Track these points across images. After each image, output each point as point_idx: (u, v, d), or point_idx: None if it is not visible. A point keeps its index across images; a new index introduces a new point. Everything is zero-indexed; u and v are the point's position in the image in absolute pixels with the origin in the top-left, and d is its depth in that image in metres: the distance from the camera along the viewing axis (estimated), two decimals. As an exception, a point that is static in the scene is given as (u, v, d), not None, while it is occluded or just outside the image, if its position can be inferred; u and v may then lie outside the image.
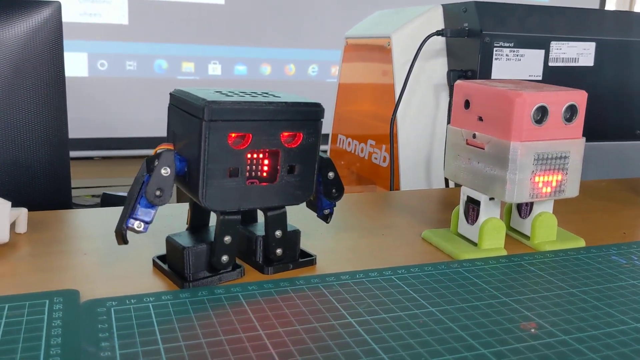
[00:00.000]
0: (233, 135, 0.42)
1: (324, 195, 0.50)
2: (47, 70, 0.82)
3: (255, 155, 0.44)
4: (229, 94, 0.44)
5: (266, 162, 0.44)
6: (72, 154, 0.96)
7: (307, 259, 0.49)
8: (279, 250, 0.47)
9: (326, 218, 0.52)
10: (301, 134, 0.45)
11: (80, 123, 2.05)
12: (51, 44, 0.82)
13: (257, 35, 2.31)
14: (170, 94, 0.46)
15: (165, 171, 0.42)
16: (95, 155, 2.18)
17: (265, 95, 0.45)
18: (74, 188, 0.94)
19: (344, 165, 1.19)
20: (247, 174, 0.44)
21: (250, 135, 0.43)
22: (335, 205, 0.51)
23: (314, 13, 2.35)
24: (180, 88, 0.46)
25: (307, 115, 0.45)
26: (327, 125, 1.31)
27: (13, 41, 0.79)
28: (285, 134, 0.44)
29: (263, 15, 2.29)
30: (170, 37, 2.21)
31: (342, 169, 1.21)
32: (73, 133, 1.01)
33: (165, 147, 0.44)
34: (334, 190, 0.50)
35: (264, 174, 0.45)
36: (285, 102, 0.44)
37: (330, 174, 0.49)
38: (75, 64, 2.14)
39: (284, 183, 0.45)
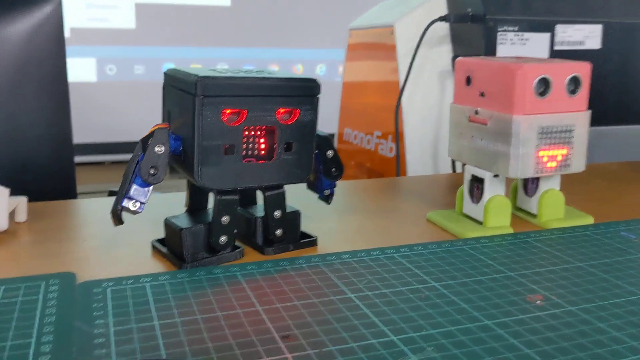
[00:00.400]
0: (227, 111, 0.41)
1: (323, 175, 0.49)
2: (49, 67, 0.82)
3: (251, 133, 0.43)
4: (223, 71, 0.43)
5: (262, 139, 0.44)
6: (82, 158, 0.96)
7: (308, 240, 0.48)
8: (279, 231, 0.46)
9: (327, 199, 0.51)
10: (298, 111, 0.44)
11: (90, 128, 2.06)
12: (53, 40, 0.82)
13: (264, 36, 2.31)
14: (164, 72, 0.45)
15: (159, 149, 0.41)
16: (106, 159, 2.19)
17: (259, 72, 0.45)
18: (83, 193, 0.94)
19: (351, 159, 1.18)
20: (244, 152, 0.43)
21: (246, 111, 0.42)
22: (335, 186, 0.50)
23: (320, 12, 2.34)
24: (173, 67, 0.45)
25: (303, 90, 0.44)
26: (333, 123, 1.31)
27: (15, 38, 0.79)
28: (281, 110, 0.43)
29: (270, 16, 2.29)
30: (178, 39, 2.22)
31: (349, 163, 1.20)
32: (83, 138, 1.01)
33: (159, 127, 0.43)
34: (333, 169, 0.48)
35: (262, 152, 0.44)
36: (280, 78, 0.43)
37: (329, 152, 0.48)
38: (83, 70, 2.15)
39: (281, 161, 0.44)
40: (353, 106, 1.19)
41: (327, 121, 0.88)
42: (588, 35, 0.93)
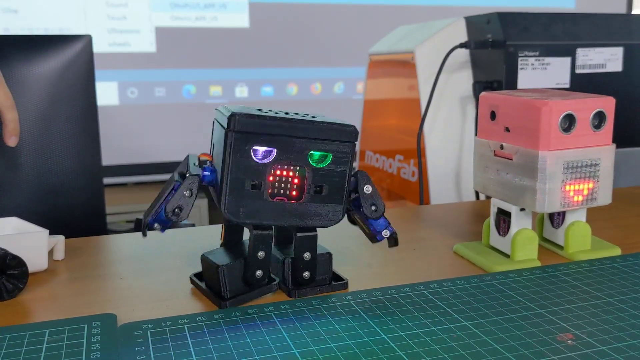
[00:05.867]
0: (260, 149, 0.42)
1: (365, 216, 0.46)
2: (80, 101, 0.84)
3: (282, 172, 0.44)
4: (267, 111, 0.44)
5: (296, 180, 0.44)
6: (106, 180, 0.99)
7: (339, 283, 0.48)
8: (306, 274, 0.46)
9: (393, 241, 0.47)
10: (331, 155, 0.44)
11: (113, 150, 2.09)
12: (83, 75, 0.84)
13: (282, 56, 2.33)
14: (215, 108, 0.47)
15: (187, 192, 0.43)
16: (129, 181, 2.22)
17: (301, 114, 0.45)
18: (108, 214, 0.96)
19: (373, 182, 1.19)
20: (271, 190, 0.43)
21: (275, 150, 0.43)
22: (390, 223, 0.47)
23: (337, 31, 2.36)
24: (225, 104, 0.46)
25: (338, 135, 0.44)
26: (354, 142, 1.32)
27: (48, 74, 0.82)
28: (315, 153, 0.44)
29: (287, 36, 2.31)
30: (197, 62, 2.25)
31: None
32: (106, 160, 1.03)
33: (203, 157, 0.46)
34: (373, 207, 0.46)
35: (292, 192, 0.44)
36: (315, 121, 0.43)
37: (367, 188, 0.46)
38: (106, 93, 2.19)
39: (310, 203, 0.44)
40: (374, 129, 1.20)
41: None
42: (609, 58, 0.93)
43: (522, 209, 0.52)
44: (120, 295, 0.48)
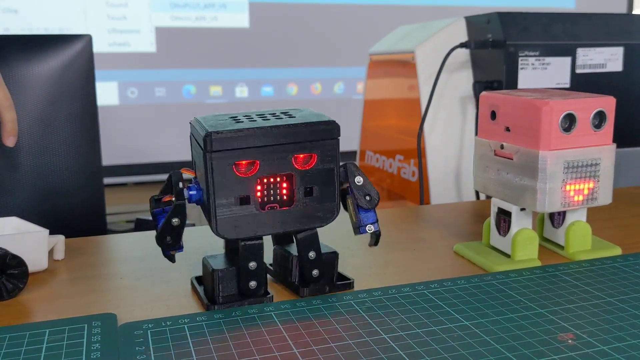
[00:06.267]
0: (242, 162, 0.41)
1: (358, 206, 0.45)
2: (80, 101, 0.84)
3: (269, 180, 0.43)
4: (242, 119, 0.43)
5: (285, 184, 0.43)
6: (106, 180, 0.99)
7: (344, 282, 0.48)
8: (315, 272, 0.45)
9: (375, 240, 0.47)
10: (315, 155, 0.43)
11: (113, 150, 2.09)
12: (84, 75, 0.84)
13: (282, 56, 2.33)
14: (190, 122, 0.46)
15: (176, 221, 0.42)
16: (129, 181, 2.22)
17: (280, 116, 0.44)
18: (108, 214, 0.96)
19: (373, 182, 1.19)
20: (261, 199, 0.43)
21: (258, 162, 0.42)
22: (377, 220, 0.47)
23: (337, 31, 2.36)
24: (198, 117, 0.45)
25: (320, 135, 0.43)
26: (354, 142, 1.32)
27: (48, 74, 0.82)
28: (299, 156, 0.43)
29: (287, 36, 2.31)
30: (197, 62, 2.25)
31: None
32: (106, 160, 1.03)
33: (186, 173, 0.45)
34: (366, 197, 0.45)
35: (284, 197, 0.43)
36: (294, 124, 0.42)
37: (358, 179, 0.45)
38: (106, 93, 2.19)
39: (302, 206, 0.43)
40: (374, 129, 1.20)
41: (347, 139, 0.89)
42: (609, 58, 0.93)
43: (522, 209, 0.52)
44: (120, 295, 0.48)
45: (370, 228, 0.46)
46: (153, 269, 0.53)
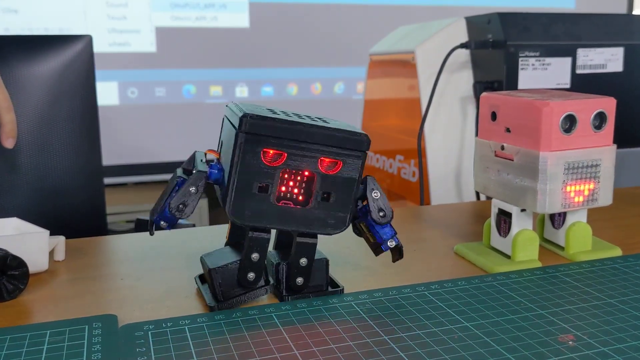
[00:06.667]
0: (268, 151, 0.42)
1: (373, 220, 0.45)
2: (81, 101, 0.84)
3: (291, 176, 0.43)
4: (279, 112, 0.44)
5: (303, 184, 0.43)
6: (106, 180, 0.99)
7: (333, 290, 0.47)
8: (299, 280, 0.45)
9: (398, 253, 0.47)
10: (341, 162, 0.43)
11: (113, 150, 2.09)
12: (84, 75, 0.84)
13: (282, 56, 2.33)
14: (226, 105, 0.47)
15: (192, 189, 0.43)
16: (129, 181, 2.22)
17: (315, 120, 0.44)
18: (108, 214, 0.96)
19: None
20: (278, 193, 0.43)
21: (286, 154, 0.42)
22: (396, 233, 0.46)
23: (337, 31, 2.36)
24: (236, 102, 0.46)
25: (350, 143, 0.43)
26: (355, 142, 1.32)
27: (48, 75, 0.82)
28: (325, 160, 0.43)
29: (287, 36, 2.31)
30: (198, 62, 2.25)
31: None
32: (106, 160, 1.03)
33: (212, 153, 0.46)
34: (381, 213, 0.45)
35: (299, 197, 0.44)
36: (328, 127, 0.43)
37: (375, 193, 0.45)
38: (106, 93, 2.19)
39: (317, 210, 0.44)
40: (374, 129, 1.20)
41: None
42: (610, 58, 0.93)
43: (522, 210, 0.52)
44: (121, 296, 0.48)
45: (391, 243, 0.46)
46: (154, 270, 0.53)
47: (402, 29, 1.18)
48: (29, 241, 0.49)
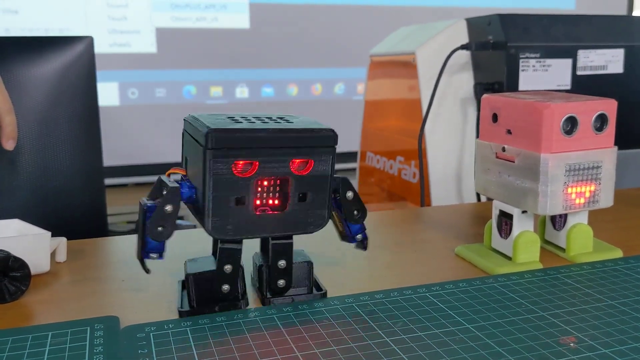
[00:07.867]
0: (240, 163, 0.41)
1: (346, 219, 0.47)
2: (81, 102, 0.84)
3: (264, 183, 0.42)
4: (240, 120, 0.43)
5: (277, 189, 0.43)
6: (107, 181, 0.99)
7: (317, 293, 0.47)
8: (281, 282, 0.45)
9: (363, 245, 0.49)
10: (312, 161, 0.43)
11: (114, 151, 2.09)
12: (85, 76, 0.84)
13: (283, 57, 2.33)
14: (184, 119, 0.45)
15: (168, 208, 0.41)
16: (130, 182, 2.22)
17: (278, 121, 0.44)
18: (109, 215, 0.96)
19: (373, 183, 1.19)
20: (256, 201, 0.42)
21: (257, 162, 0.42)
22: (365, 229, 0.49)
23: (338, 32, 2.36)
24: (193, 114, 0.45)
25: (319, 141, 0.43)
26: (355, 143, 1.32)
27: (49, 76, 0.82)
28: (296, 161, 0.43)
29: (288, 37, 2.31)
30: (198, 63, 2.25)
31: (372, 187, 1.21)
32: (107, 161, 1.03)
33: (177, 172, 0.44)
34: (355, 212, 0.47)
35: (275, 202, 0.43)
36: (295, 129, 0.42)
37: (349, 194, 0.46)
38: (106, 94, 2.19)
39: (295, 211, 0.43)
40: (375, 130, 1.20)
41: (348, 140, 0.89)
42: (610, 60, 0.93)
43: (524, 211, 0.52)
44: (122, 297, 0.48)
45: (359, 237, 0.48)
46: (154, 271, 0.53)
47: (402, 30, 1.18)
48: (30, 242, 0.49)
